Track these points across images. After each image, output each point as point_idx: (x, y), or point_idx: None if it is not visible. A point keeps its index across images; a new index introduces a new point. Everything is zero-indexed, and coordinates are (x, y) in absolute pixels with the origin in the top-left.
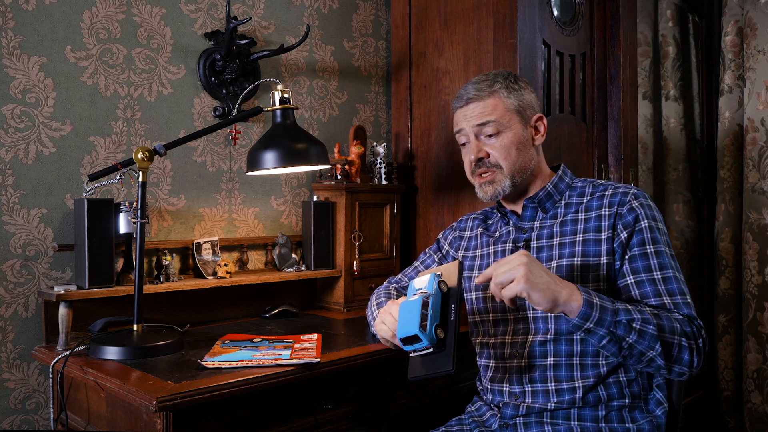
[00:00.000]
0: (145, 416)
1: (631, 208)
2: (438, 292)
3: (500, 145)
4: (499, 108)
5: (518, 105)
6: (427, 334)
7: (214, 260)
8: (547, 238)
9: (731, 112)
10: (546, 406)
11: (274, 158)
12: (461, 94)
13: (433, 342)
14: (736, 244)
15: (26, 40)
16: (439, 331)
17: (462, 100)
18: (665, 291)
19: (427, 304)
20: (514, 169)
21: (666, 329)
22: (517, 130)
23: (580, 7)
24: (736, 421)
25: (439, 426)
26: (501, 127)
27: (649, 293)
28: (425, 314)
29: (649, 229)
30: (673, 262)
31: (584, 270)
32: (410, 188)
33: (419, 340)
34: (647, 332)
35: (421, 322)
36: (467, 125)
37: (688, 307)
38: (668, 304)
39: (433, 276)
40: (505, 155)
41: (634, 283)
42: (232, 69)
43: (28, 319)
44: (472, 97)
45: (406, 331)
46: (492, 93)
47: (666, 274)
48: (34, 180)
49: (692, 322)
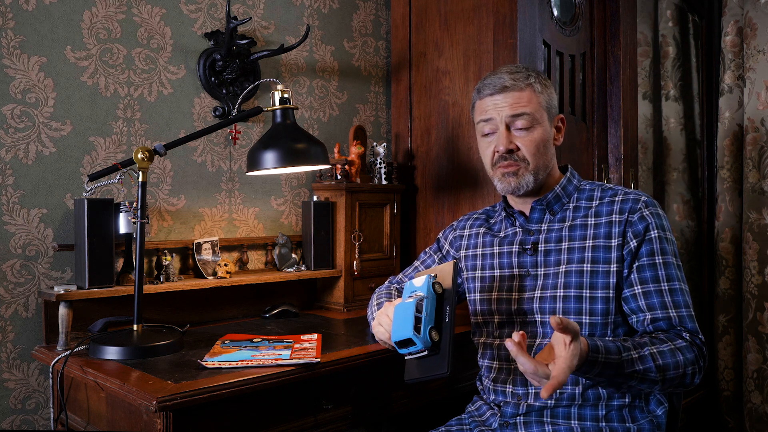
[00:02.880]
0: (145, 416)
1: (642, 216)
2: (432, 294)
3: (530, 140)
4: (533, 102)
5: (548, 102)
6: (421, 338)
7: (214, 260)
8: (556, 242)
9: (731, 112)
10: (546, 404)
11: (274, 158)
12: (493, 81)
13: (428, 345)
14: (736, 244)
15: (26, 40)
16: (433, 334)
17: (494, 88)
18: (671, 303)
19: (422, 306)
20: (539, 166)
21: (671, 366)
22: (546, 127)
23: (580, 7)
24: (736, 421)
25: (439, 426)
26: (534, 122)
27: (655, 305)
28: (419, 317)
29: (659, 240)
30: (680, 273)
31: (593, 276)
32: (410, 188)
33: (414, 344)
34: (648, 378)
35: (415, 326)
36: (498, 115)
37: (692, 320)
38: (674, 317)
39: (428, 278)
40: (534, 151)
41: (641, 293)
42: (232, 69)
43: (28, 319)
44: (508, 85)
45: (400, 334)
46: (528, 85)
47: (673, 286)
48: (34, 180)
49: (694, 340)
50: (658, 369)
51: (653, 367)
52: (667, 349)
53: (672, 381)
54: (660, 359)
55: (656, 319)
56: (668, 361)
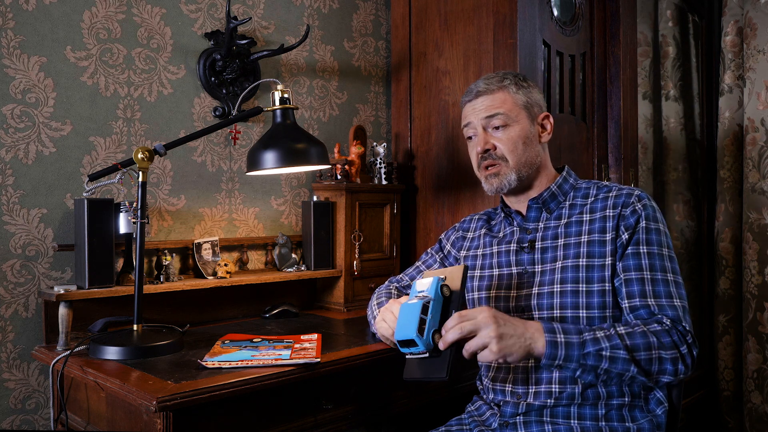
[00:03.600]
0: (145, 416)
1: (634, 210)
2: (440, 297)
3: (507, 138)
4: (507, 102)
5: (526, 101)
6: (423, 340)
7: (214, 260)
8: (552, 239)
9: (731, 112)
10: (546, 403)
11: (274, 158)
12: (471, 88)
13: (430, 348)
14: (736, 244)
15: (26, 40)
16: (436, 337)
17: (471, 94)
18: (651, 292)
19: (427, 308)
20: (519, 162)
21: (641, 347)
22: (525, 124)
23: (580, 7)
24: (736, 421)
25: (439, 426)
26: (509, 120)
27: (634, 293)
28: (424, 319)
29: (646, 230)
30: (669, 263)
31: (589, 271)
32: (410, 188)
33: (416, 345)
34: (618, 357)
35: (419, 327)
36: (475, 118)
37: (674, 310)
38: (652, 306)
39: (436, 279)
40: (512, 148)
41: (623, 281)
42: (232, 69)
43: (28, 319)
44: (481, 90)
45: (403, 334)
46: (501, 87)
47: (655, 276)
48: (34, 180)
49: (675, 327)
50: (627, 349)
51: (620, 345)
52: (638, 330)
53: (648, 362)
54: (628, 339)
55: (635, 307)
56: (637, 341)
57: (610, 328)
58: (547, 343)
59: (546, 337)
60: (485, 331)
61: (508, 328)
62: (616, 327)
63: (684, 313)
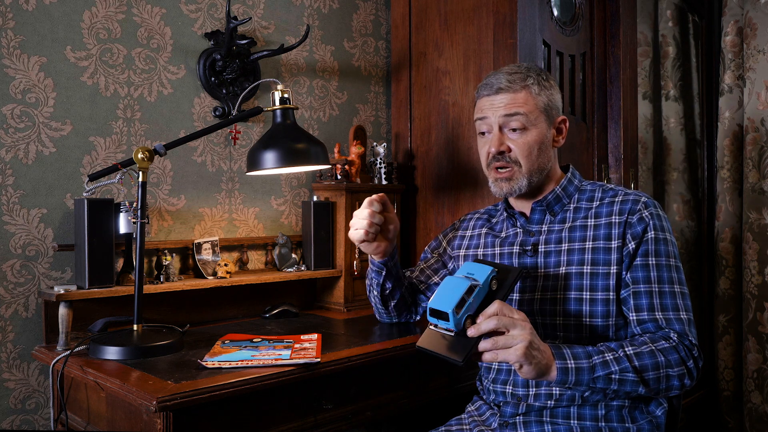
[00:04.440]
0: (145, 416)
1: (641, 218)
2: (487, 287)
3: (523, 142)
4: (529, 103)
5: (547, 104)
6: (456, 319)
7: (214, 260)
8: (556, 243)
9: (731, 112)
10: (546, 404)
11: (274, 158)
12: (491, 82)
13: (459, 328)
14: (736, 244)
15: (26, 40)
16: (468, 322)
17: (491, 89)
18: (659, 306)
19: (472, 291)
20: (532, 168)
21: (649, 367)
22: (542, 129)
23: (580, 7)
24: (736, 421)
25: (439, 426)
26: (528, 124)
27: (643, 306)
28: (464, 300)
29: (655, 241)
30: (676, 275)
31: (593, 278)
32: (410, 188)
33: (446, 320)
34: (627, 380)
35: (457, 304)
36: (493, 114)
37: (681, 323)
38: (660, 319)
39: (490, 270)
40: (527, 153)
41: (631, 293)
42: (232, 69)
43: (28, 319)
44: (504, 87)
45: (440, 305)
46: (525, 87)
47: (662, 288)
48: (34, 180)
49: (682, 342)
50: (635, 371)
51: (629, 368)
52: (647, 350)
53: (657, 381)
54: (636, 360)
55: (642, 320)
56: (646, 362)
57: (619, 349)
58: (558, 370)
59: (557, 364)
60: (518, 331)
61: (538, 341)
62: (625, 347)
63: (690, 326)
